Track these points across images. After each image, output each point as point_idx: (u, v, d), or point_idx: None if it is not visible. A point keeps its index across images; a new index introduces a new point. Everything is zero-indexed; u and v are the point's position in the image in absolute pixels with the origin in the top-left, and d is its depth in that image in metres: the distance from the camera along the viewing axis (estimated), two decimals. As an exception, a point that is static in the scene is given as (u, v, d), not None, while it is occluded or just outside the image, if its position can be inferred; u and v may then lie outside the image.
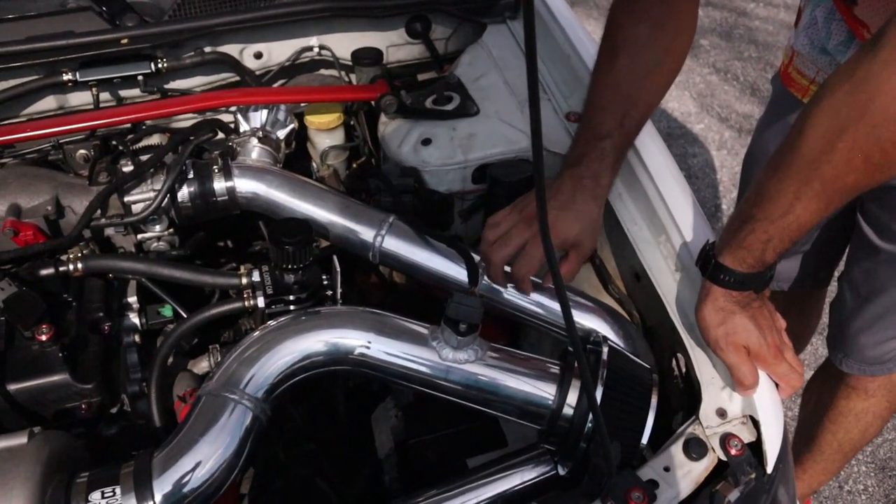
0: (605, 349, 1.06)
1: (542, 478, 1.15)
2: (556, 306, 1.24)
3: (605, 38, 1.25)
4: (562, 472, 1.12)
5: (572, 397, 1.04)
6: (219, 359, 1.27)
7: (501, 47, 1.61)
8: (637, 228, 1.26)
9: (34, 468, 0.90)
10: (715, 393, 1.09)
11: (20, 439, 0.93)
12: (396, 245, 1.24)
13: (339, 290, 1.17)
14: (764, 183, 1.00)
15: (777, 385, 1.09)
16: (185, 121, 1.61)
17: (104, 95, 1.53)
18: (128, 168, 1.29)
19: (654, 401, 1.04)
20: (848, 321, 1.66)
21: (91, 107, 1.50)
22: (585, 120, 1.25)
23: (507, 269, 1.20)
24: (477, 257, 1.21)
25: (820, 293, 2.08)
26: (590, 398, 0.95)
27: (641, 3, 1.21)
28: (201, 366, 1.28)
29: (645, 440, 1.02)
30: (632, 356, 1.10)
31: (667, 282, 1.20)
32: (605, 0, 5.12)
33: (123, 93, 1.56)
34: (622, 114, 1.21)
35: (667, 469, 1.00)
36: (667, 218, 1.21)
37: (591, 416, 1.02)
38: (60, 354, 1.07)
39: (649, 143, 1.30)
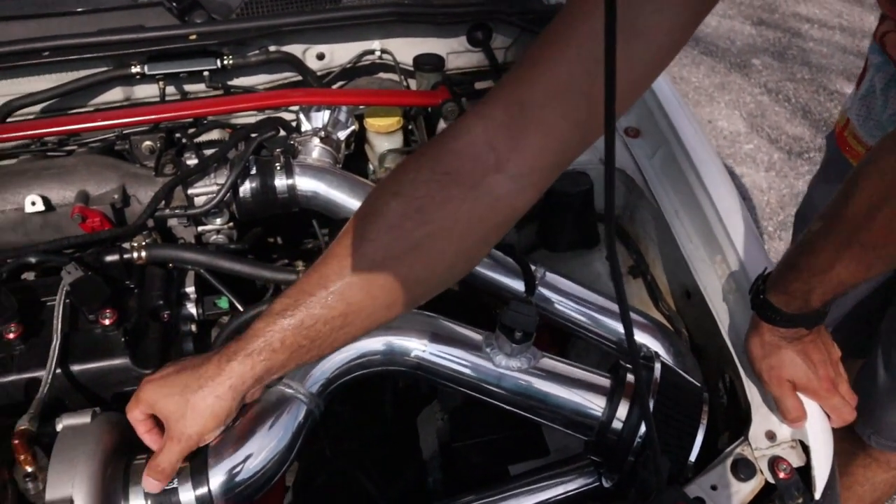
0: (658, 365, 1.06)
1: (585, 489, 1.15)
2: (607, 320, 1.25)
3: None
4: (606, 484, 1.12)
5: (622, 411, 1.04)
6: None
7: (561, 59, 1.61)
8: (692, 246, 1.26)
9: (96, 447, 0.93)
10: (765, 415, 1.08)
11: (84, 418, 0.96)
12: (451, 250, 1.25)
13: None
14: (810, 235, 0.99)
15: (829, 416, 1.09)
16: (246, 117, 1.64)
17: (170, 89, 1.56)
18: (192, 161, 1.32)
19: (704, 419, 1.04)
20: (880, 398, 1.60)
21: (157, 99, 1.54)
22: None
23: None
24: (533, 266, 1.22)
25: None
26: (644, 413, 0.95)
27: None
28: (253, 358, 1.30)
29: (693, 458, 1.02)
30: (683, 373, 1.11)
31: (720, 302, 1.20)
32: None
33: (189, 87, 1.60)
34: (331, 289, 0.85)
35: (714, 488, 1.00)
36: (724, 238, 1.21)
37: (640, 430, 1.02)
38: (123, 339, 1.09)
39: (707, 161, 1.30)
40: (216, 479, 0.95)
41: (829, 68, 4.55)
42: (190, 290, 1.27)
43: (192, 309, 1.26)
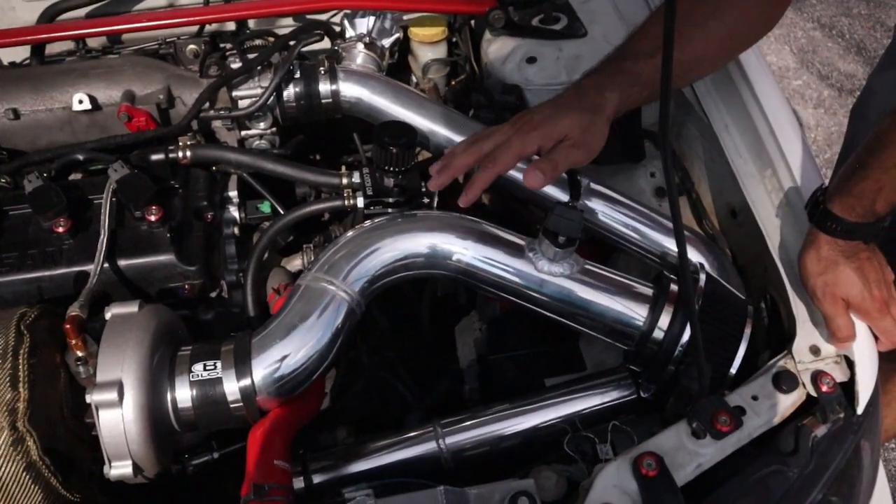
0: (703, 276, 1.05)
1: (622, 400, 1.16)
2: (651, 232, 1.23)
3: None
4: (644, 395, 1.12)
5: (664, 320, 1.04)
6: (312, 257, 1.30)
7: (613, -27, 1.56)
8: (742, 161, 1.23)
9: (144, 335, 0.94)
10: (809, 330, 1.07)
11: (132, 308, 0.97)
12: (496, 159, 1.24)
13: (436, 199, 1.18)
14: (882, 130, 0.96)
15: (876, 338, 1.07)
16: (290, 27, 1.62)
17: (214, -7, 1.54)
18: (236, 65, 1.31)
19: (747, 331, 1.03)
20: None
21: (201, 4, 1.52)
22: (620, 44, 1.16)
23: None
24: (578, 176, 1.20)
25: None
26: (691, 320, 0.94)
27: None
28: (294, 263, 1.31)
29: (734, 369, 1.02)
30: (727, 285, 1.09)
31: (769, 217, 1.17)
32: None
33: (233, -9, 1.57)
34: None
35: (755, 398, 1.00)
36: (775, 152, 1.18)
37: (682, 340, 1.01)
38: (168, 235, 1.10)
39: (761, 75, 1.26)
40: (259, 369, 0.97)
41: (889, 3, 4.37)
42: (233, 193, 1.27)
43: (234, 213, 1.27)
